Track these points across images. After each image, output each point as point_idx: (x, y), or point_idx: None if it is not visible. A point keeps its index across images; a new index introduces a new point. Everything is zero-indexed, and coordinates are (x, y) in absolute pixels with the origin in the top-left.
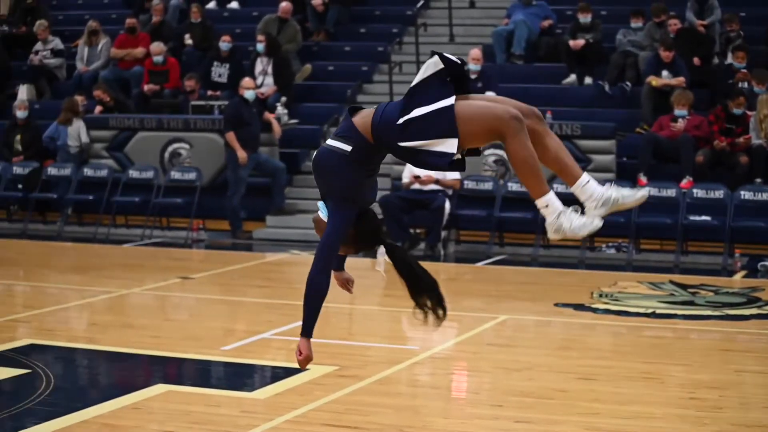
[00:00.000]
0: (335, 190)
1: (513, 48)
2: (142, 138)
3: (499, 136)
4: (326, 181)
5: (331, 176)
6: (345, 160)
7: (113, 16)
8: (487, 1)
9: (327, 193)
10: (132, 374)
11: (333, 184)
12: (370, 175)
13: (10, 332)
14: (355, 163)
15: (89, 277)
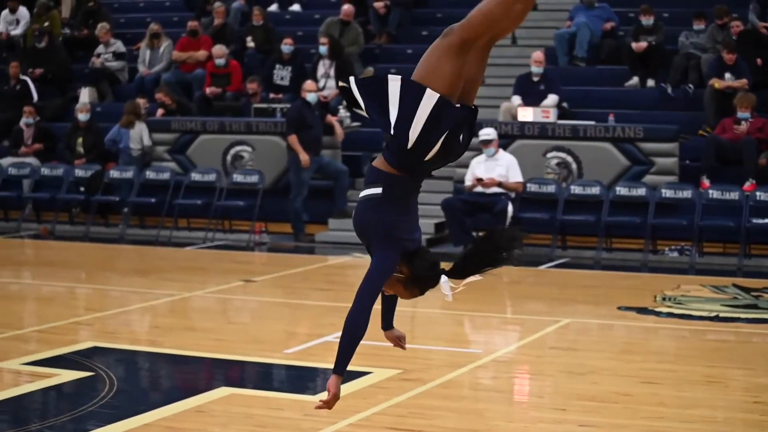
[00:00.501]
0: (377, 233)
1: (575, 50)
2: (204, 141)
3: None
4: (366, 228)
5: (370, 222)
6: (379, 202)
7: (175, 19)
8: (550, 3)
9: (370, 240)
10: (194, 377)
11: (373, 228)
12: (407, 212)
13: (73, 335)
14: (389, 202)
15: (151, 280)
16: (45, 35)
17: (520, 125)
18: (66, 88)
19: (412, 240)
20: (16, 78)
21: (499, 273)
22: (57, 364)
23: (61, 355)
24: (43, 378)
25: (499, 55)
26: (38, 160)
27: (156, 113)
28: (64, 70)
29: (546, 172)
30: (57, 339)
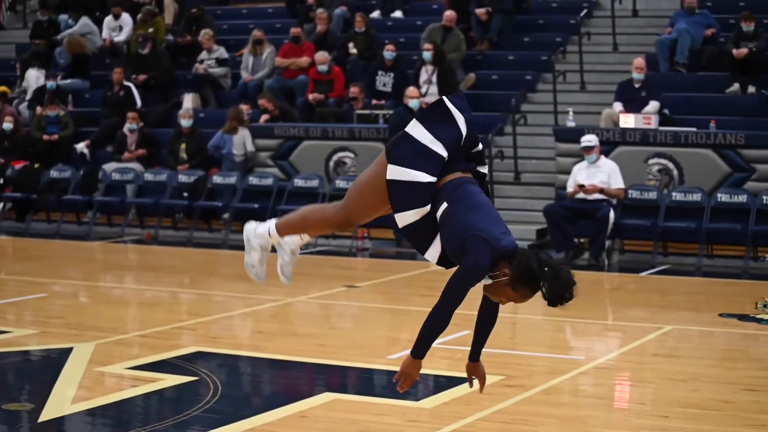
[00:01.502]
0: (459, 237)
1: (676, 57)
2: (307, 147)
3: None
4: (450, 243)
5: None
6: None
7: (278, 26)
8: (651, 9)
9: (458, 246)
10: (297, 382)
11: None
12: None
13: (176, 339)
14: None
15: (254, 285)
16: (149, 41)
17: (622, 132)
18: (169, 94)
19: (503, 239)
20: (119, 84)
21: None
22: (160, 368)
23: (165, 360)
24: (147, 382)
25: (600, 62)
26: (142, 166)
27: (259, 119)
28: (168, 76)
29: (647, 179)
30: (160, 344)
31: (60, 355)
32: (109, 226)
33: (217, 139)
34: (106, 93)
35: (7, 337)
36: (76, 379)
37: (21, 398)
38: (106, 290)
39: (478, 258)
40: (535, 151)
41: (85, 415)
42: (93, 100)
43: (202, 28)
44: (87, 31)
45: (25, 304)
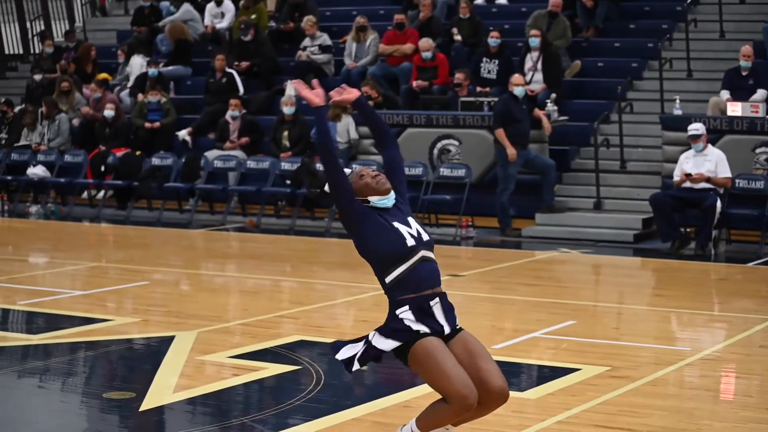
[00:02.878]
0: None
1: None
2: (411, 134)
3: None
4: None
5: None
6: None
7: (381, 12)
8: None
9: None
10: (400, 372)
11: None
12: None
13: (279, 328)
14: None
15: (356, 274)
16: (251, 28)
17: (729, 120)
18: (272, 81)
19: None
20: (222, 71)
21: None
22: (263, 357)
23: (267, 349)
24: (250, 371)
25: (706, 49)
26: (244, 153)
27: None
28: (270, 63)
29: (755, 168)
30: (262, 332)
31: (161, 344)
32: (211, 213)
33: None
34: (208, 80)
35: (109, 325)
36: (177, 368)
37: (122, 387)
38: (207, 278)
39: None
40: (641, 139)
41: (186, 404)
42: (195, 87)
43: (305, 14)
44: (189, 17)
45: (126, 292)
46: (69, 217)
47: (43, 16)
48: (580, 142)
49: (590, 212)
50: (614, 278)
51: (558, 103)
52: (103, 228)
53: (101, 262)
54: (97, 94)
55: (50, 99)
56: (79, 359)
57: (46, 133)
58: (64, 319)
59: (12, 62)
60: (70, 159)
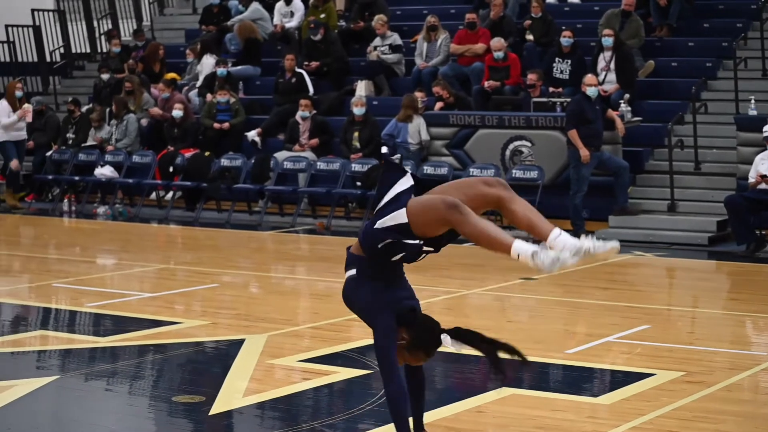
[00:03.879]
0: (363, 309)
1: None
2: (482, 135)
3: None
4: (354, 307)
5: (354, 300)
6: (356, 283)
7: (452, 11)
8: None
9: (362, 315)
10: (473, 376)
11: (358, 305)
12: (390, 285)
13: (349, 332)
14: (366, 281)
15: (429, 277)
16: (321, 27)
17: None
18: (342, 81)
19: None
20: (291, 71)
21: None
22: (333, 361)
23: (338, 353)
24: (320, 375)
25: None
26: (314, 154)
27: (434, 107)
28: (341, 63)
29: None
30: (333, 336)
31: (230, 347)
32: (281, 215)
33: (391, 128)
34: (277, 80)
35: (178, 328)
36: (247, 372)
37: (192, 390)
38: (277, 281)
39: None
40: (715, 140)
41: (256, 408)
42: (264, 87)
43: (376, 13)
44: (258, 16)
45: (195, 294)
46: (137, 218)
47: (110, 15)
48: (653, 143)
49: (664, 214)
50: (688, 282)
51: (631, 103)
52: (171, 229)
53: (170, 264)
54: (165, 93)
55: (120, 98)
56: (148, 362)
57: (114, 133)
58: (132, 322)
59: (79, 61)
60: (139, 159)
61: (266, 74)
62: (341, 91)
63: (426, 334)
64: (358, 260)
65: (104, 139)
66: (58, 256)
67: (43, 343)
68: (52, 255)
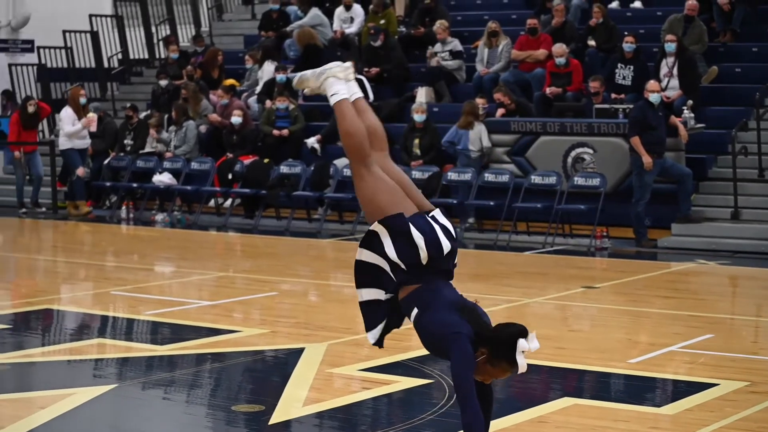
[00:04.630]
0: (437, 339)
1: None
2: (544, 142)
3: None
4: (429, 345)
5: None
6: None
7: (513, 17)
8: None
9: (440, 350)
10: (534, 386)
11: (430, 340)
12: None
13: (410, 341)
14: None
15: (489, 285)
16: (381, 33)
17: None
18: (402, 87)
19: (476, 322)
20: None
21: None
22: (393, 370)
23: (398, 362)
24: (380, 384)
25: None
26: None
27: (495, 114)
28: (401, 69)
29: None
30: (393, 345)
31: (290, 356)
32: (340, 222)
33: (452, 135)
34: None
35: (237, 336)
36: (307, 381)
37: (251, 399)
38: (337, 289)
39: (461, 357)
40: None
41: (315, 418)
42: None
43: (436, 19)
44: (317, 22)
45: (253, 302)
46: (195, 225)
47: (168, 21)
48: (717, 150)
49: (728, 222)
50: (753, 290)
51: (694, 110)
52: (230, 237)
53: (228, 272)
54: (224, 100)
55: (180, 105)
56: (206, 371)
57: (173, 140)
58: (190, 330)
59: (137, 67)
60: (197, 166)
61: None
62: (401, 98)
63: (504, 341)
64: (409, 297)
65: (165, 142)
66: (116, 264)
67: (101, 351)
68: (110, 262)
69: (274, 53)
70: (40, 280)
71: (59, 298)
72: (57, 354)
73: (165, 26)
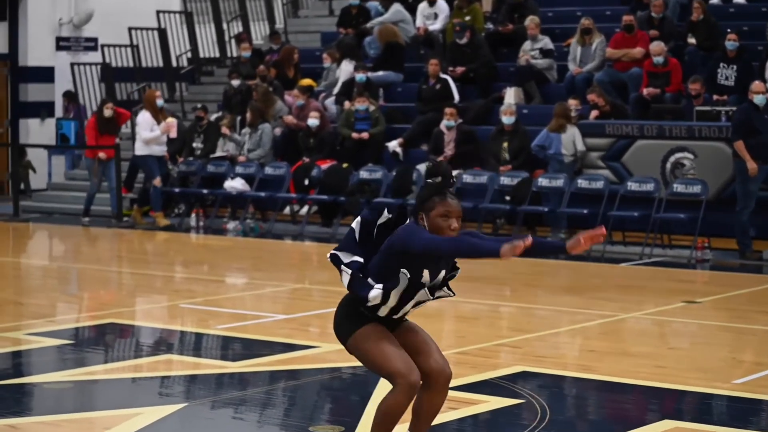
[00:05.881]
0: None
1: None
2: (641, 146)
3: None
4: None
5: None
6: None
7: (608, 13)
8: None
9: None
10: (631, 407)
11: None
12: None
13: (498, 358)
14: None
15: (583, 299)
16: (467, 30)
17: None
18: (489, 88)
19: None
20: (435, 76)
21: None
22: (481, 389)
23: (485, 380)
24: (467, 404)
25: None
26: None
27: (588, 116)
28: (488, 68)
29: None
30: (481, 362)
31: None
32: None
33: (542, 138)
34: (420, 86)
35: (314, 352)
36: None
37: (330, 420)
38: None
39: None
40: None
41: None
42: (406, 94)
43: (525, 15)
44: (399, 18)
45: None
46: (269, 234)
47: (240, 17)
48: None
49: None
50: None
51: None
52: (306, 246)
53: (305, 284)
54: (300, 101)
55: (255, 106)
56: (280, 389)
57: (247, 143)
58: (263, 345)
59: (207, 66)
60: (271, 171)
61: (408, 80)
62: (489, 99)
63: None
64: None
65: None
66: (185, 275)
67: (168, 368)
68: (178, 274)
69: (354, 51)
70: (103, 292)
71: (124, 311)
72: (121, 371)
73: (237, 23)
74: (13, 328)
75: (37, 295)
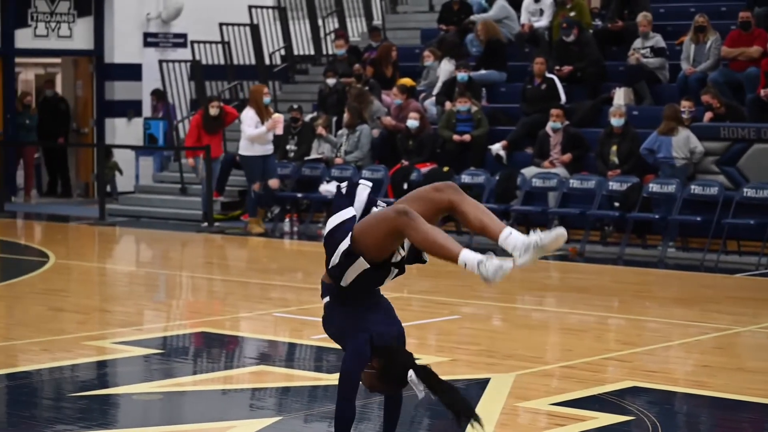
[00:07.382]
0: (336, 334)
1: None
2: (758, 151)
3: (399, 233)
4: (329, 332)
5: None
6: (329, 309)
7: (723, 9)
8: None
9: (336, 340)
10: (748, 426)
11: (332, 330)
12: (362, 309)
13: (606, 372)
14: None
15: (696, 311)
16: (574, 27)
17: None
18: (598, 88)
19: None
20: (541, 76)
21: None
22: (588, 405)
23: (594, 396)
24: (573, 421)
25: None
26: (566, 171)
27: (702, 118)
28: (596, 67)
29: None
30: (588, 376)
31: (472, 387)
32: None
33: (651, 141)
34: (525, 86)
35: None
36: (493, 416)
37: None
38: (524, 313)
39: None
40: None
41: None
42: (510, 95)
43: (636, 11)
44: (504, 15)
45: (431, 327)
46: None
47: (336, 13)
48: None
49: None
50: None
51: None
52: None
53: (403, 293)
54: (398, 100)
55: (354, 106)
56: (375, 403)
57: (344, 145)
58: None
59: (302, 64)
60: (369, 175)
61: (512, 80)
62: (597, 100)
63: (395, 369)
64: (329, 287)
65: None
66: (278, 283)
67: (260, 379)
68: (271, 281)
69: (455, 49)
70: (194, 300)
71: (215, 320)
72: (211, 382)
73: (333, 19)
74: (98, 337)
75: (124, 303)
